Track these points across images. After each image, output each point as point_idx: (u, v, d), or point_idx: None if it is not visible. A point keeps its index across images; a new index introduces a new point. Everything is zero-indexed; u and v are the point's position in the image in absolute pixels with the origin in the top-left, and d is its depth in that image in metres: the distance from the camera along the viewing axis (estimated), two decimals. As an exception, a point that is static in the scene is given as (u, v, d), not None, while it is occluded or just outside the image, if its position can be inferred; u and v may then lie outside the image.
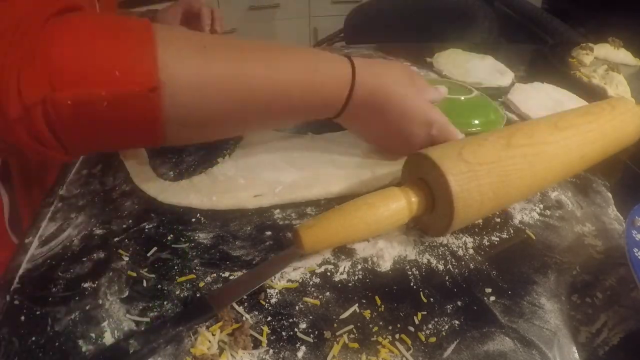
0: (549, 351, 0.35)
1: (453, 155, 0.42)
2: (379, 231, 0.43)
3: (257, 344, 0.35)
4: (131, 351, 0.33)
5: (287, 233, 0.45)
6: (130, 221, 0.46)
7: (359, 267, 0.42)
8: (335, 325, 0.37)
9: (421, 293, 0.40)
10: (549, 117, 0.51)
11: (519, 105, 0.69)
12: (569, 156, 0.48)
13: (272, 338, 0.36)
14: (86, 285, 0.39)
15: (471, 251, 0.44)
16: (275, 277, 0.40)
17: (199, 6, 0.74)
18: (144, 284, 0.40)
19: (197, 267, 0.41)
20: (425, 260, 0.43)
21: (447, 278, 0.41)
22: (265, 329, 0.36)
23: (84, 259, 0.42)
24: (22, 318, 0.37)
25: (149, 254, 0.43)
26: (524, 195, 0.49)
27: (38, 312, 0.37)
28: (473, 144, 0.44)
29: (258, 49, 0.42)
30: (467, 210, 0.41)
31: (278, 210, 0.48)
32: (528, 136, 0.46)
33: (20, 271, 0.41)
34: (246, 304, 0.38)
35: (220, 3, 2.00)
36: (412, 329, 0.37)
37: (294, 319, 0.37)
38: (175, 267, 0.41)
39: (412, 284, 0.41)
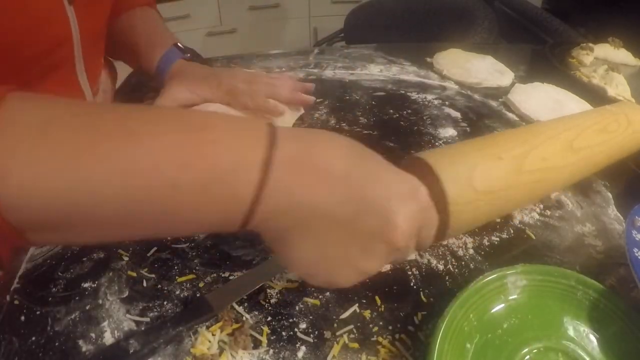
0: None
1: (463, 178, 0.36)
2: None
3: (257, 344, 0.35)
4: (131, 351, 0.33)
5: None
6: (130, 221, 0.46)
7: (359, 267, 0.42)
8: (335, 325, 0.37)
9: (421, 293, 0.40)
10: (566, 131, 0.46)
11: (519, 105, 0.69)
12: (572, 180, 0.46)
13: (272, 338, 0.36)
14: (86, 285, 0.39)
15: (471, 251, 0.44)
16: (275, 277, 0.40)
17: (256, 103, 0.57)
18: (144, 284, 0.40)
19: (197, 267, 0.41)
20: (425, 260, 0.43)
21: (447, 278, 0.41)
22: (265, 329, 0.36)
23: (84, 259, 0.42)
24: (22, 318, 0.37)
25: (149, 254, 0.43)
26: (516, 209, 0.48)
27: (38, 312, 0.37)
28: (487, 162, 0.39)
29: (119, 129, 0.26)
30: (458, 232, 0.40)
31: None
32: (542, 159, 0.41)
33: (20, 271, 0.41)
34: (246, 304, 0.38)
35: (220, 3, 2.00)
36: (412, 329, 0.37)
37: (294, 319, 0.37)
38: (175, 267, 0.41)
39: (412, 284, 0.41)
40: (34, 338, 0.35)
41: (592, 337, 0.35)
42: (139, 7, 0.69)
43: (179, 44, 0.64)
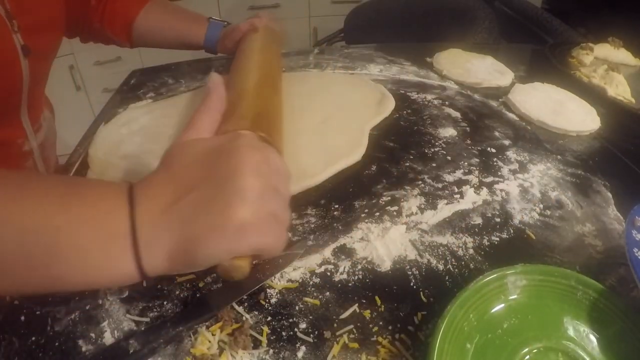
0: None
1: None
2: None
3: (257, 344, 0.35)
4: (131, 351, 0.33)
5: (286, 233, 0.45)
6: (130, 221, 0.46)
7: (359, 267, 0.42)
8: (335, 325, 0.37)
9: (421, 293, 0.40)
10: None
11: (519, 105, 0.69)
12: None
13: (272, 338, 0.36)
14: (86, 285, 0.39)
15: (471, 251, 0.44)
16: (275, 277, 0.40)
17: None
18: (144, 284, 0.40)
19: (197, 267, 0.41)
20: (425, 260, 0.43)
21: (447, 278, 0.41)
22: (265, 329, 0.36)
23: (84, 259, 0.42)
24: (22, 318, 0.36)
25: (149, 254, 0.43)
26: None
27: (38, 312, 0.37)
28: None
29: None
30: None
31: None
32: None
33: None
34: (246, 304, 0.38)
35: (220, 3, 2.00)
36: (412, 329, 0.37)
37: (294, 319, 0.37)
38: (175, 267, 0.41)
39: (412, 284, 0.41)
40: (34, 338, 0.35)
41: (592, 337, 0.35)
42: (151, 1, 0.76)
43: (212, 17, 0.77)
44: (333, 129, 0.60)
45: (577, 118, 0.67)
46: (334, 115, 0.63)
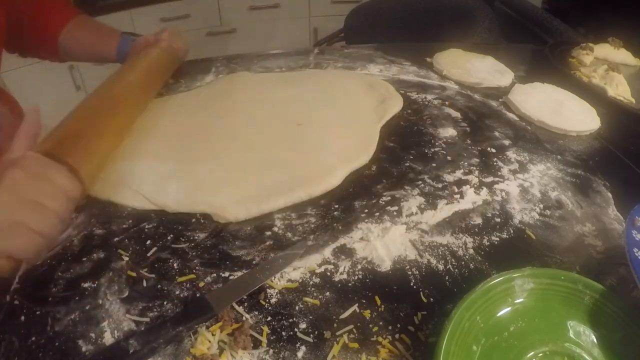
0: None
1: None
2: None
3: (257, 344, 0.35)
4: (131, 351, 0.33)
5: (287, 233, 0.45)
6: (130, 221, 0.46)
7: (359, 267, 0.42)
8: (335, 325, 0.37)
9: (421, 293, 0.40)
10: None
11: (519, 105, 0.69)
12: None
13: (272, 338, 0.36)
14: (86, 285, 0.39)
15: (471, 251, 0.44)
16: (275, 277, 0.40)
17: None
18: (144, 284, 0.40)
19: (197, 267, 0.41)
20: (425, 260, 0.43)
21: (447, 278, 0.41)
22: (265, 329, 0.36)
23: (84, 259, 0.42)
24: (22, 318, 0.36)
25: (149, 254, 0.43)
26: None
27: (38, 312, 0.37)
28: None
29: None
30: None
31: (277, 211, 0.48)
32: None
33: (20, 271, 0.41)
34: (246, 304, 0.38)
35: (220, 3, 2.00)
36: (412, 329, 0.37)
37: (294, 319, 0.37)
38: (175, 267, 0.41)
39: (412, 284, 0.41)
40: (34, 338, 0.35)
41: (598, 342, 0.35)
42: (74, 17, 0.78)
43: (124, 32, 0.78)
44: (347, 128, 0.61)
45: (577, 118, 0.67)
46: (347, 114, 0.63)
